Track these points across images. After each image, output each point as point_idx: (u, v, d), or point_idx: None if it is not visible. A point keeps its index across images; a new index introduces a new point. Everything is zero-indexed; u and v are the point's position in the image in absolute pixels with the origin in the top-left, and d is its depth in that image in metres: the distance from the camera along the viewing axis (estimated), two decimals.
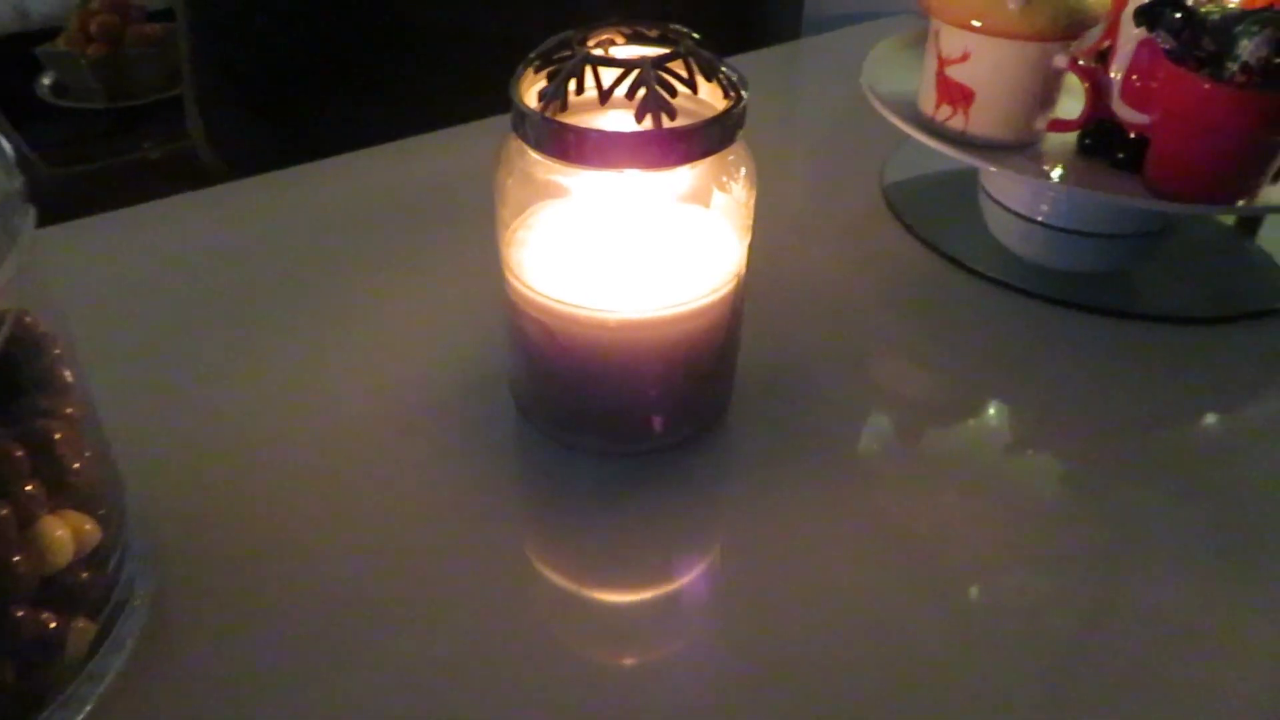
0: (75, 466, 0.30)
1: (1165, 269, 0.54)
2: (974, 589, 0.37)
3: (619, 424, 0.40)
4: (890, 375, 0.49)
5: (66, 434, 0.30)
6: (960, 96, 0.50)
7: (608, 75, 0.33)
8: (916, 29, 0.58)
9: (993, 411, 0.47)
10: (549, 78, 0.34)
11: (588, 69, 0.33)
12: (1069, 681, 0.33)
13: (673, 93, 0.33)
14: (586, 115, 0.35)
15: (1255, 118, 0.43)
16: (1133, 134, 0.48)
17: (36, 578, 0.28)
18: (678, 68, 0.34)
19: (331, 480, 0.40)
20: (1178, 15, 0.43)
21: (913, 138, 0.52)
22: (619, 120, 0.34)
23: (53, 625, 0.28)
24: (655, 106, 0.32)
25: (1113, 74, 0.48)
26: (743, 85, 0.35)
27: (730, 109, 0.34)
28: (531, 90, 0.35)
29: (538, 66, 0.35)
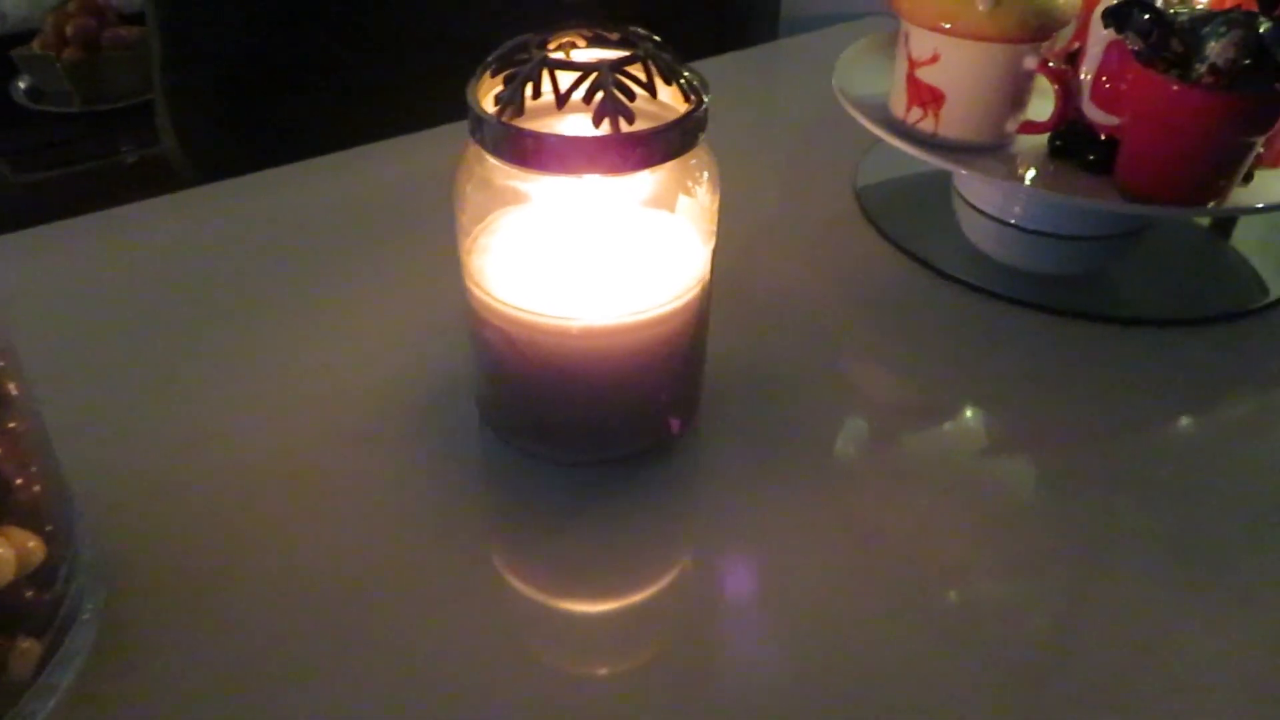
0: (18, 483, 0.29)
1: (1139, 270, 0.54)
2: (948, 592, 0.37)
3: (584, 433, 0.40)
4: (861, 379, 0.49)
5: (8, 450, 0.29)
6: (930, 98, 0.50)
7: (565, 79, 0.33)
8: (890, 30, 0.58)
9: (966, 415, 0.46)
10: (505, 82, 0.33)
11: (545, 73, 0.33)
12: (1043, 683, 0.33)
13: (631, 96, 0.33)
14: (548, 120, 0.34)
15: (1223, 119, 0.43)
16: (1103, 136, 0.48)
17: None
18: (636, 71, 0.33)
19: (290, 491, 0.39)
20: (1146, 16, 0.43)
21: (885, 140, 0.52)
22: (579, 125, 0.33)
23: None
24: (612, 110, 0.32)
25: (1083, 76, 0.48)
26: (704, 89, 0.34)
27: (690, 113, 0.33)
28: (489, 95, 0.34)
29: (495, 70, 0.34)
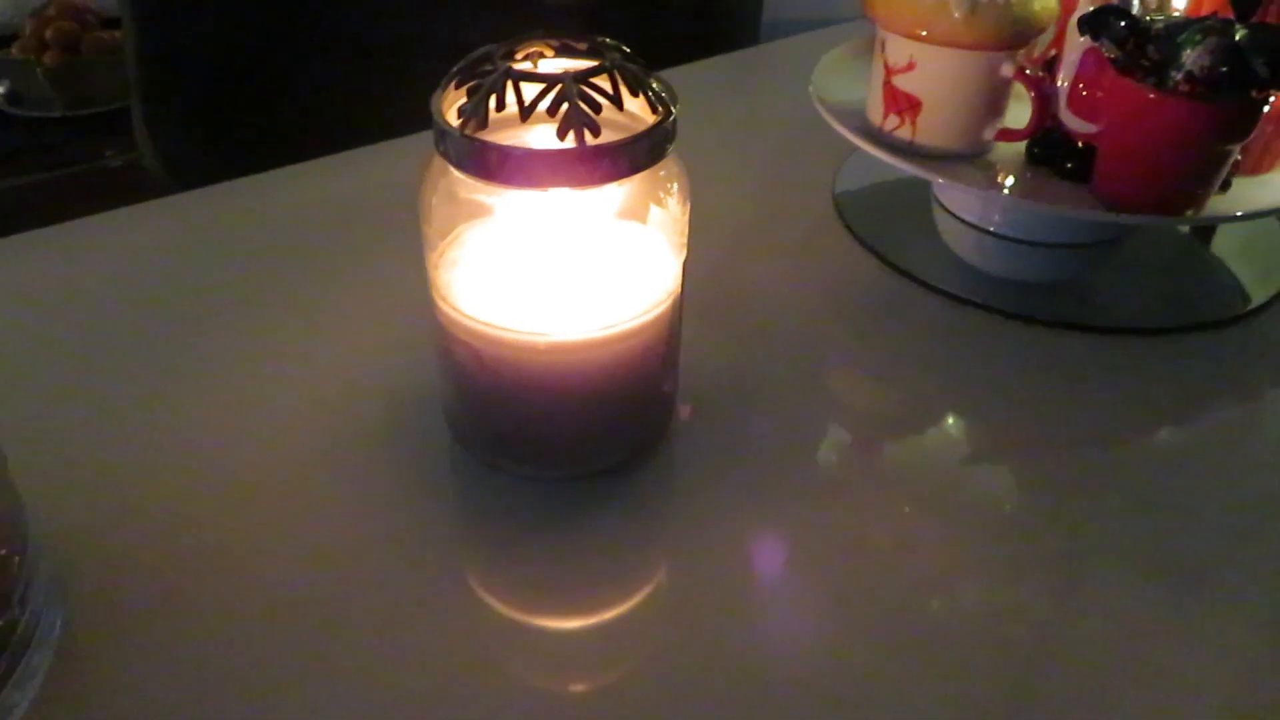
0: None
1: (1120, 278, 0.54)
2: (929, 602, 0.36)
3: (555, 449, 0.39)
4: (839, 389, 0.48)
5: None
6: (907, 106, 0.49)
7: (530, 90, 0.32)
8: (869, 36, 0.57)
9: (946, 425, 0.46)
10: (469, 93, 0.33)
11: (509, 84, 0.32)
12: (1028, 692, 0.33)
13: (597, 108, 0.32)
14: (515, 132, 0.34)
15: (1200, 127, 0.43)
16: (1081, 143, 0.48)
17: None
18: (603, 82, 0.33)
19: (254, 509, 0.38)
20: (1122, 24, 0.43)
21: (863, 148, 0.51)
22: (546, 137, 0.33)
23: None
24: (577, 123, 0.31)
25: (1060, 83, 0.48)
26: (673, 100, 0.34)
27: (658, 124, 0.33)
28: (453, 107, 0.33)
29: (459, 81, 0.34)
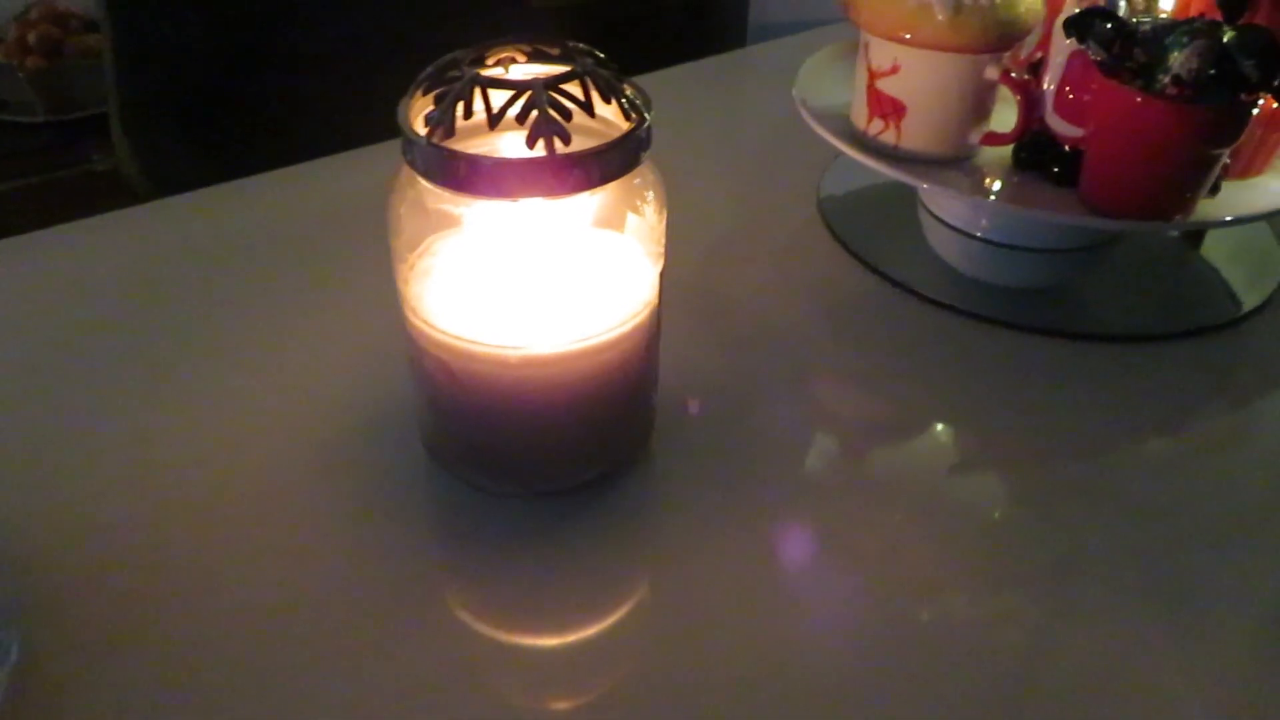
0: None
1: (1109, 283, 0.53)
2: (918, 610, 0.36)
3: (531, 466, 0.38)
4: (824, 397, 0.47)
5: None
6: (892, 110, 0.48)
7: (498, 98, 0.31)
8: (855, 38, 0.56)
9: (934, 432, 0.45)
10: (436, 100, 0.32)
11: (477, 91, 0.31)
12: (1013, 700, 0.33)
13: (567, 115, 0.31)
14: (485, 140, 0.33)
15: (1188, 130, 0.42)
16: (1068, 147, 0.47)
17: None
18: (574, 88, 0.32)
19: (223, 529, 0.37)
20: (1108, 26, 0.42)
21: (847, 153, 0.50)
22: (517, 145, 0.32)
23: None
24: (547, 130, 0.30)
25: (1046, 86, 0.47)
26: (646, 106, 0.33)
27: (631, 132, 0.32)
28: (420, 115, 0.32)
29: (426, 88, 0.32)
